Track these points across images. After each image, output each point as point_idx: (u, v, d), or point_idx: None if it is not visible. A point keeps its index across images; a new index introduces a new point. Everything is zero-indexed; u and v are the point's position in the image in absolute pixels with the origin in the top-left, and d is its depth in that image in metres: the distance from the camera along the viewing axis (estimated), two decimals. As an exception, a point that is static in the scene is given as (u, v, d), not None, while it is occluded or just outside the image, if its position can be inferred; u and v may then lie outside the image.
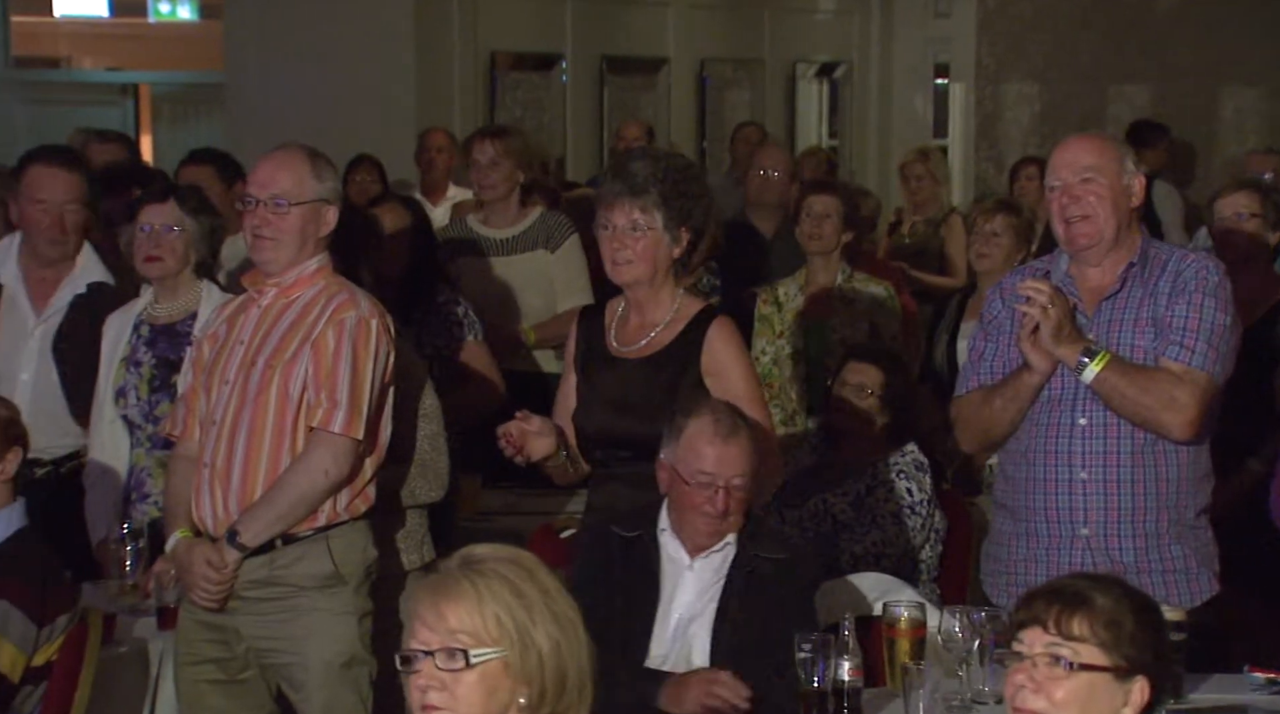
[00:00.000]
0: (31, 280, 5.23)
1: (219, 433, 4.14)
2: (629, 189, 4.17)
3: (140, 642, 4.40)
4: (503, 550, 2.60)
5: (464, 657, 2.50)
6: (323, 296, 4.19)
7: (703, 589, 3.90)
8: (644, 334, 4.26)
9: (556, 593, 2.58)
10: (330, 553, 4.13)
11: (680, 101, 12.48)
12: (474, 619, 2.51)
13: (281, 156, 4.23)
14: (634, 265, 4.19)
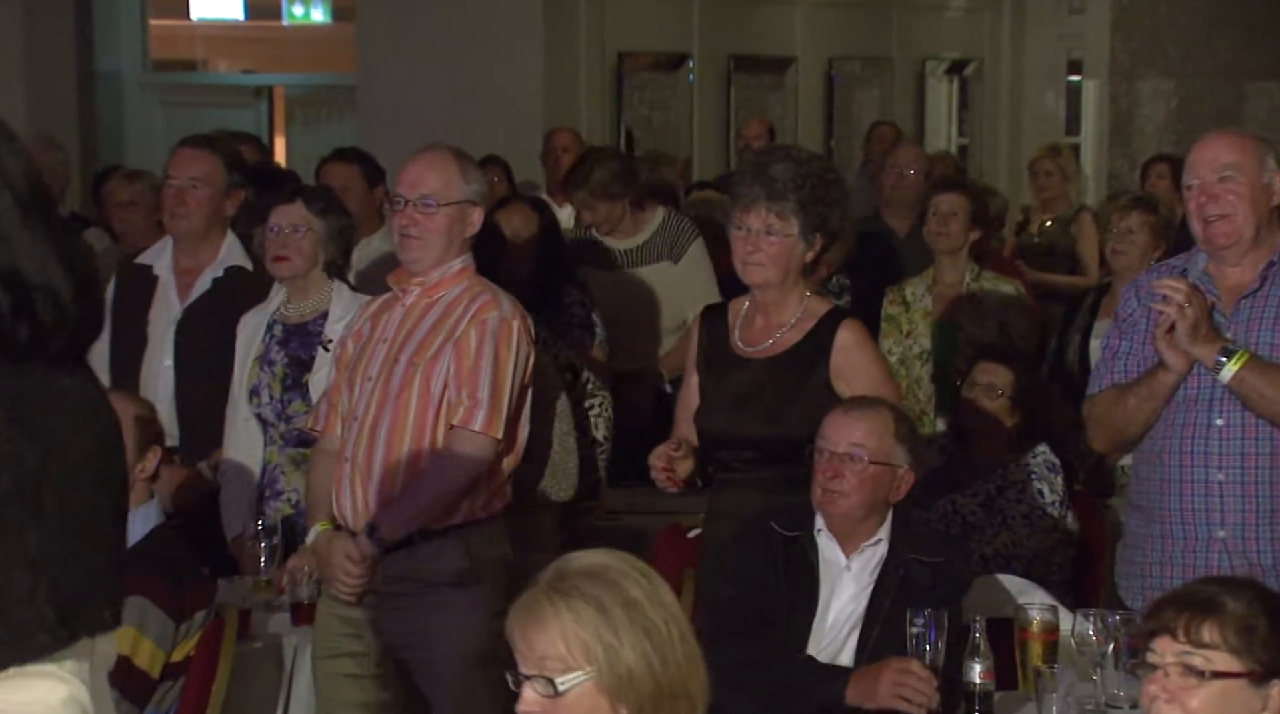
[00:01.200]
0: (180, 271, 5.32)
1: (360, 429, 4.18)
2: (767, 193, 4.15)
3: (275, 637, 4.44)
4: (591, 561, 2.56)
5: (553, 685, 2.49)
6: (466, 296, 4.22)
7: (859, 590, 3.87)
8: (770, 334, 4.24)
9: (648, 602, 2.53)
10: (467, 550, 4.16)
11: (808, 100, 12.43)
12: (558, 645, 2.49)
13: (430, 157, 4.27)
14: (765, 268, 4.17)
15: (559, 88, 10.73)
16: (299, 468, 4.83)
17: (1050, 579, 4.85)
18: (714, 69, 11.85)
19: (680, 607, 2.59)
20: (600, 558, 2.57)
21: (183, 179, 5.25)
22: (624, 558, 2.59)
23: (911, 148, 8.11)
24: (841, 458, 3.84)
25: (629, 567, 2.57)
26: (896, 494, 3.89)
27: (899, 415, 3.95)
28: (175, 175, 5.28)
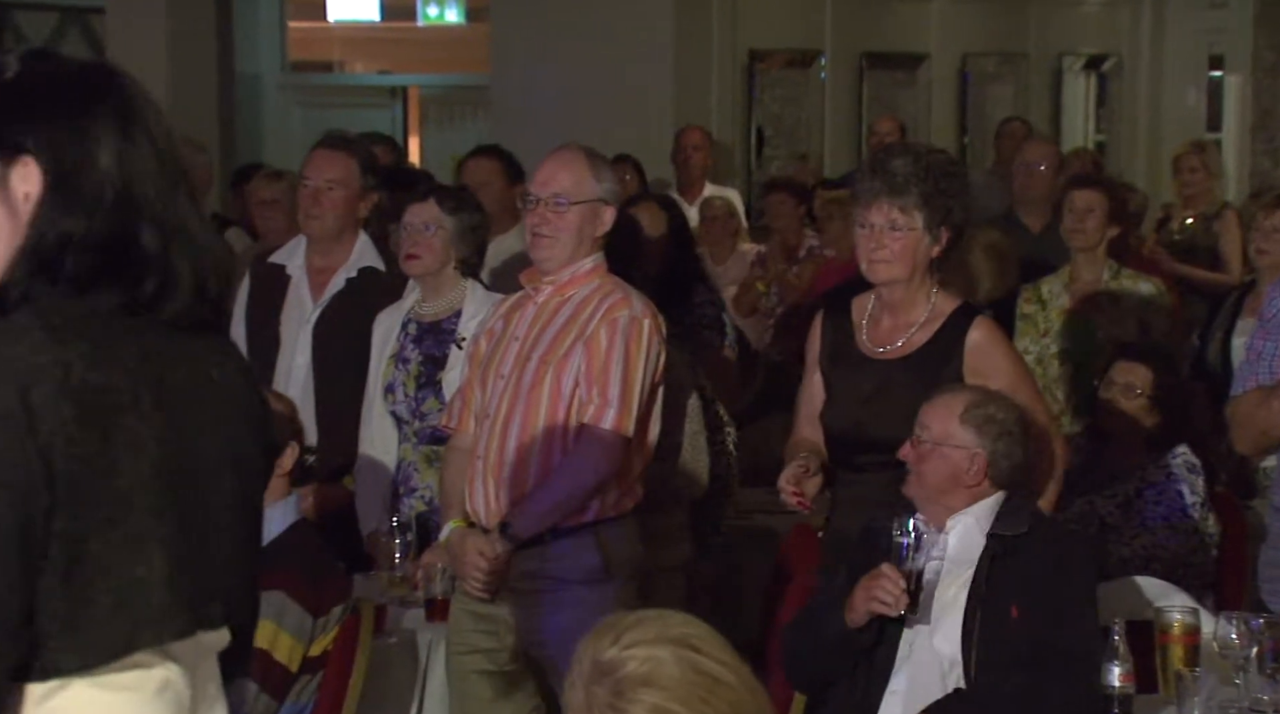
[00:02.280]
0: (312, 270, 5.37)
1: (493, 427, 4.21)
2: (888, 188, 4.07)
3: (410, 633, 4.47)
4: (645, 670, 2.18)
5: None
6: (597, 295, 4.23)
7: (953, 570, 3.82)
8: (899, 335, 4.17)
9: (720, 686, 2.19)
10: (599, 547, 4.17)
11: (941, 97, 12.34)
12: None
13: (562, 156, 4.29)
14: (891, 265, 4.10)
15: (690, 86, 10.73)
16: (432, 465, 4.87)
17: (1191, 582, 4.77)
18: (846, 66, 11.80)
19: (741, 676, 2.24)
20: (657, 654, 2.21)
21: (319, 181, 5.29)
22: (681, 648, 2.23)
23: (1040, 143, 8.01)
24: (913, 441, 3.86)
25: (690, 667, 2.21)
26: (972, 477, 3.84)
27: (978, 400, 3.90)
28: (311, 177, 5.32)
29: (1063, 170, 7.48)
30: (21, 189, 2.21)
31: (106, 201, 2.23)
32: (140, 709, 2.25)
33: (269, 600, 3.98)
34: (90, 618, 2.18)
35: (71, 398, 2.16)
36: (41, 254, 2.21)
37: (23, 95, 2.23)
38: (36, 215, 2.22)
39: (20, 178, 2.21)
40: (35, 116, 2.22)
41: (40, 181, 2.21)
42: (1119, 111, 13.37)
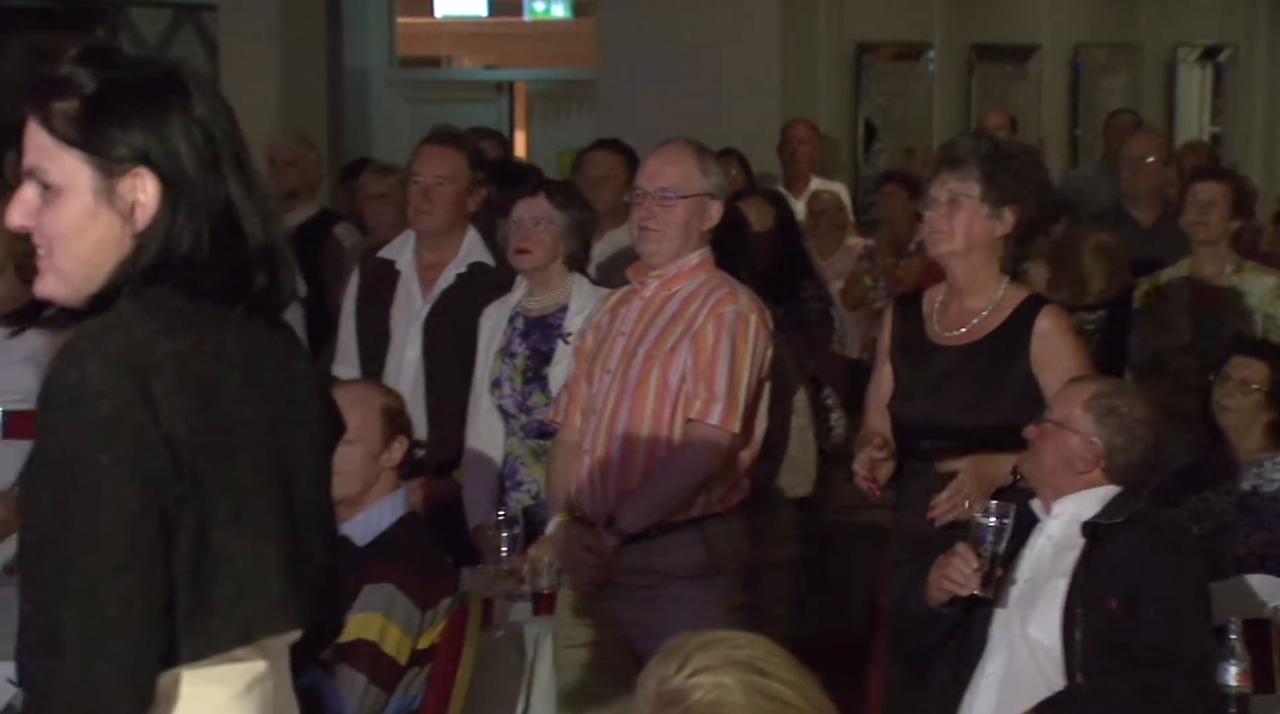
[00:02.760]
0: (422, 266, 5.40)
1: (599, 421, 4.22)
2: (947, 161, 4.13)
3: (516, 626, 4.49)
4: (714, 694, 2.09)
5: None
6: (703, 290, 4.23)
7: (1056, 553, 3.79)
8: (966, 320, 4.18)
9: None
10: (705, 543, 4.17)
11: (1052, 89, 12.22)
12: None
13: (670, 150, 4.29)
14: (950, 237, 4.10)
15: (796, 79, 10.69)
16: (539, 459, 4.89)
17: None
18: (955, 58, 11.71)
19: None
20: (723, 680, 2.12)
21: (428, 177, 5.31)
22: (747, 673, 2.14)
23: (1148, 135, 7.90)
24: (1040, 421, 3.87)
25: (757, 692, 2.13)
26: (1085, 464, 3.81)
27: (1105, 391, 3.86)
28: (420, 173, 5.34)
29: (1172, 163, 7.39)
30: (133, 197, 2.25)
31: (216, 202, 2.27)
32: (230, 705, 2.28)
33: (378, 593, 4.01)
34: (210, 608, 2.22)
35: (189, 390, 2.20)
36: (155, 257, 2.25)
37: (113, 109, 2.26)
38: (152, 221, 2.25)
39: (130, 187, 2.25)
40: (132, 127, 2.26)
41: (156, 189, 2.25)
42: (1236, 104, 13.18)
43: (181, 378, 2.20)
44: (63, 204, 2.26)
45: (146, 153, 2.24)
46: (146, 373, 2.18)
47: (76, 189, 2.25)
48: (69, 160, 2.25)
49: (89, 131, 2.25)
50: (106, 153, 2.24)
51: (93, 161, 2.25)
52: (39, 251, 2.29)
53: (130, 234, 2.26)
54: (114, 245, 2.26)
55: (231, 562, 2.23)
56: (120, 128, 2.25)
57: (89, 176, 2.25)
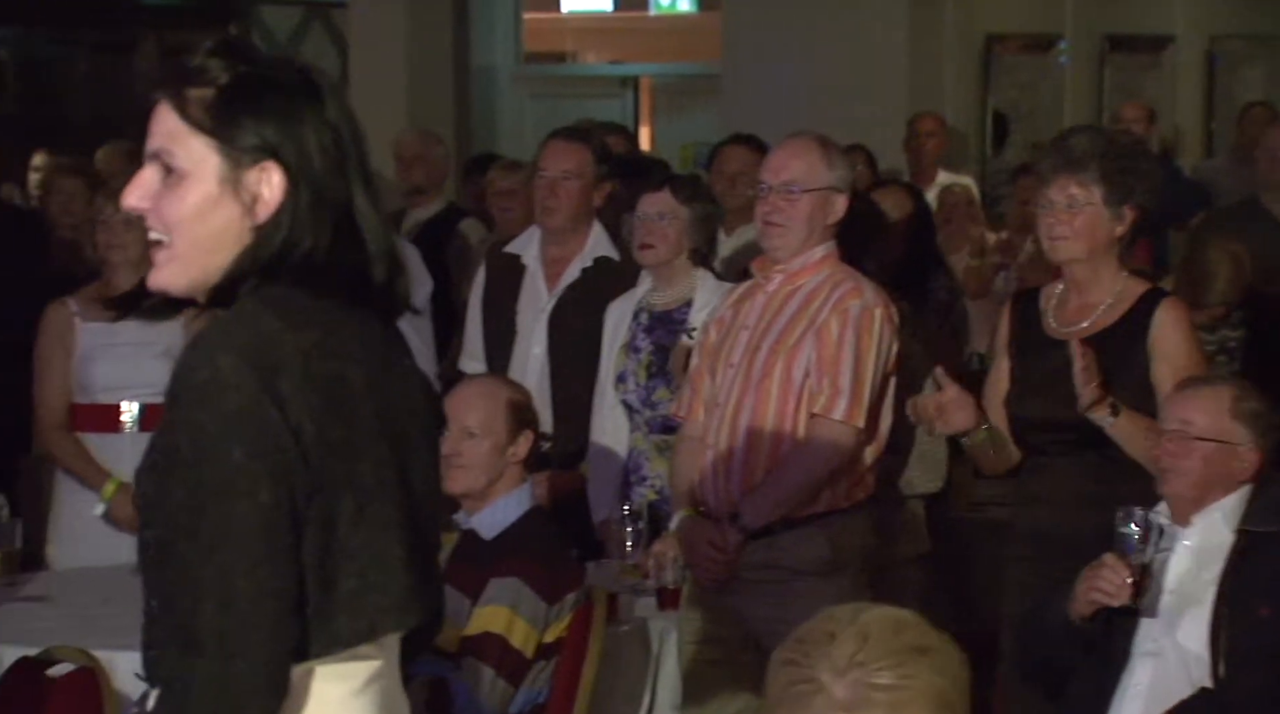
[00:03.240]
0: (548, 260, 5.44)
1: (723, 416, 4.24)
2: (1066, 163, 4.07)
3: (642, 621, 4.50)
4: (890, 678, 2.09)
5: None
6: (828, 284, 4.23)
7: (1197, 567, 3.75)
8: (1085, 315, 4.15)
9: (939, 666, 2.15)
10: (829, 539, 4.17)
11: (1186, 81, 12.03)
12: None
13: (795, 144, 4.30)
14: (1070, 242, 4.08)
15: (924, 72, 10.60)
16: (663, 454, 4.90)
17: None
18: (1087, 50, 11.56)
19: None
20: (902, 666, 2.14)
21: (554, 172, 5.35)
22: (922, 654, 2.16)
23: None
24: (1172, 435, 3.78)
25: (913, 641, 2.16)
26: (1241, 472, 3.77)
27: (1241, 393, 3.82)
28: (547, 168, 5.39)
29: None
30: (259, 190, 2.26)
31: (339, 204, 2.29)
32: (349, 701, 2.29)
33: (505, 587, 4.05)
34: (337, 604, 2.22)
35: (315, 387, 2.21)
36: (279, 251, 2.26)
37: (247, 100, 2.26)
38: (276, 214, 2.26)
39: (257, 179, 2.26)
40: (265, 120, 2.26)
41: (282, 183, 2.26)
42: (1375, 95, 12.90)
43: (307, 375, 2.20)
44: (186, 189, 2.25)
45: (276, 147, 2.25)
46: (275, 369, 2.18)
47: (202, 175, 2.25)
48: (198, 146, 2.25)
49: (222, 118, 2.25)
50: (236, 141, 2.24)
51: (222, 149, 2.25)
52: (155, 240, 2.27)
53: (250, 227, 2.26)
54: (233, 236, 2.26)
55: (357, 557, 2.23)
56: (253, 118, 2.26)
57: (216, 164, 2.25)
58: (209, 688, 2.14)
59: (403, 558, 2.28)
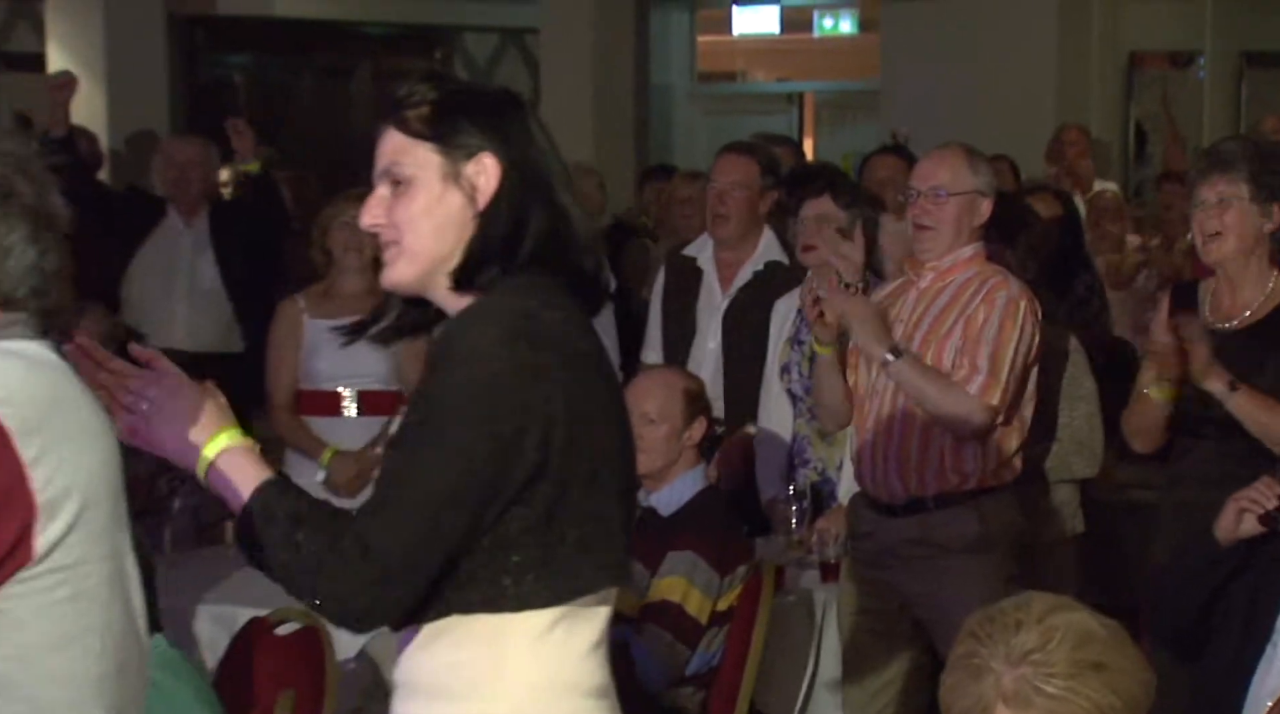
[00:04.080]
0: (721, 264, 5.47)
1: (879, 402, 4.21)
2: (1215, 164, 4.05)
3: (806, 593, 4.49)
4: (1061, 668, 2.11)
5: None
6: (976, 279, 4.19)
7: None
8: (1239, 312, 4.10)
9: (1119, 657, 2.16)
10: (980, 517, 4.12)
11: (1321, 95, 11.73)
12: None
13: (942, 153, 4.27)
14: (1222, 239, 4.03)
15: (1070, 87, 10.49)
16: (825, 440, 4.89)
17: None
18: (1225, 65, 11.33)
19: None
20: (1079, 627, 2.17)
21: (724, 182, 5.39)
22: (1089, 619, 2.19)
23: None
24: None
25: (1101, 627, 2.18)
26: None
27: None
28: (717, 179, 5.43)
29: None
30: (477, 180, 2.30)
31: (548, 191, 2.32)
32: (587, 655, 2.29)
33: (682, 560, 4.06)
34: (562, 557, 2.23)
35: (565, 360, 2.23)
36: (503, 236, 2.29)
37: (459, 106, 2.31)
38: (494, 200, 2.30)
39: (476, 172, 2.30)
40: (476, 120, 2.31)
41: (498, 174, 2.30)
42: None
43: (560, 350, 2.23)
44: (414, 192, 2.29)
45: (488, 141, 2.29)
46: (532, 343, 2.20)
47: (426, 177, 2.29)
48: (421, 152, 2.29)
49: (439, 125, 2.29)
50: (454, 141, 2.29)
51: (441, 150, 2.29)
52: (386, 245, 2.31)
53: (473, 215, 2.29)
54: (458, 225, 2.29)
55: (585, 517, 2.24)
56: (466, 119, 2.30)
57: (437, 163, 2.29)
58: (340, 567, 2.12)
59: (621, 522, 2.30)
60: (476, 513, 2.18)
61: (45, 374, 1.84)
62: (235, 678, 3.64)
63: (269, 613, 3.74)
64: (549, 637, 2.25)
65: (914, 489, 4.13)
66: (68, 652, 1.80)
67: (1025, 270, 4.61)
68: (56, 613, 1.79)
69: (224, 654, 3.79)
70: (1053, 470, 4.73)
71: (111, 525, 1.84)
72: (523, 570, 2.21)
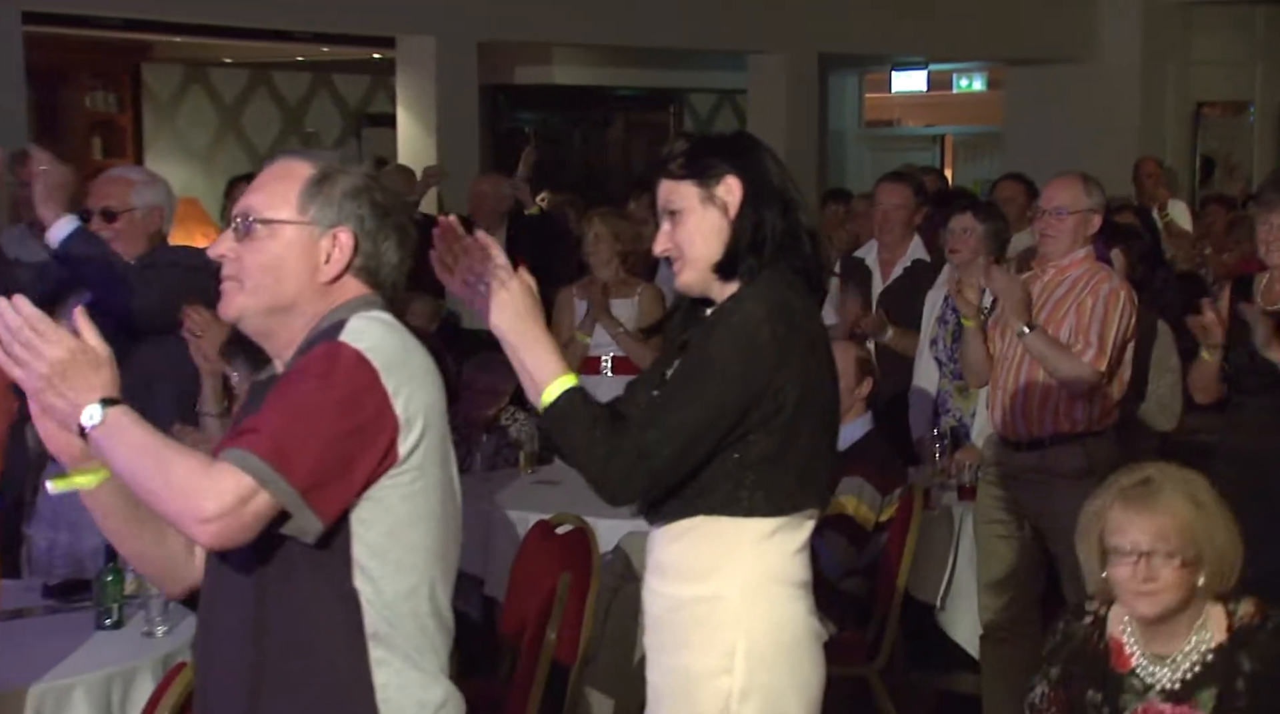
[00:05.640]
0: (881, 262, 5.39)
1: (1010, 366, 4.06)
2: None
3: (947, 508, 4.38)
4: (1172, 470, 2.40)
5: (1178, 559, 2.32)
6: (1086, 275, 4.03)
7: None
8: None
9: (1222, 504, 2.36)
10: (1085, 453, 3.95)
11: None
12: (1168, 528, 2.33)
13: (1062, 180, 4.12)
14: None
15: (1150, 128, 10.26)
16: (962, 394, 4.77)
17: None
18: (1271, 112, 11.03)
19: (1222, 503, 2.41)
20: (1169, 466, 2.40)
21: (886, 204, 5.34)
22: (1184, 470, 2.42)
23: None
24: None
25: (1196, 475, 2.41)
26: None
27: None
28: (880, 201, 5.38)
29: None
30: (727, 199, 2.28)
31: (780, 200, 2.28)
32: (794, 556, 2.26)
33: (853, 482, 4.01)
34: (785, 478, 2.21)
35: (802, 335, 2.21)
36: (751, 235, 2.26)
37: (706, 149, 2.30)
38: (740, 211, 2.27)
39: (725, 192, 2.28)
40: (720, 157, 2.29)
41: (740, 191, 2.27)
42: None
43: (804, 332, 2.21)
44: (684, 218, 2.29)
45: (731, 169, 2.27)
46: (788, 322, 2.19)
47: (691, 204, 2.29)
48: (685, 188, 2.29)
49: (693, 165, 2.29)
50: (705, 174, 2.28)
51: (698, 183, 2.28)
52: (675, 262, 2.31)
53: (727, 223, 2.27)
54: (718, 232, 2.27)
55: (806, 456, 2.21)
56: (716, 158, 2.29)
57: (696, 193, 2.28)
58: (615, 457, 2.13)
59: (827, 460, 2.27)
60: (719, 442, 2.18)
61: (397, 333, 1.85)
62: (529, 563, 3.66)
63: (551, 516, 3.75)
64: (769, 540, 2.22)
65: (1035, 430, 3.98)
66: (419, 528, 1.81)
67: (1134, 271, 4.40)
68: (413, 500, 1.80)
69: (520, 546, 3.80)
70: (1142, 423, 4.53)
71: (442, 442, 1.86)
72: (755, 487, 2.20)
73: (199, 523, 1.66)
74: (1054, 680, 2.39)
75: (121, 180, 3.76)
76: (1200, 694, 2.32)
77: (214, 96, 9.77)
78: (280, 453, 1.69)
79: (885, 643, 3.95)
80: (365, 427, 1.74)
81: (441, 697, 1.83)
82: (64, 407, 1.68)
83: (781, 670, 2.19)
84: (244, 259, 1.84)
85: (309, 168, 1.88)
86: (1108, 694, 2.34)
